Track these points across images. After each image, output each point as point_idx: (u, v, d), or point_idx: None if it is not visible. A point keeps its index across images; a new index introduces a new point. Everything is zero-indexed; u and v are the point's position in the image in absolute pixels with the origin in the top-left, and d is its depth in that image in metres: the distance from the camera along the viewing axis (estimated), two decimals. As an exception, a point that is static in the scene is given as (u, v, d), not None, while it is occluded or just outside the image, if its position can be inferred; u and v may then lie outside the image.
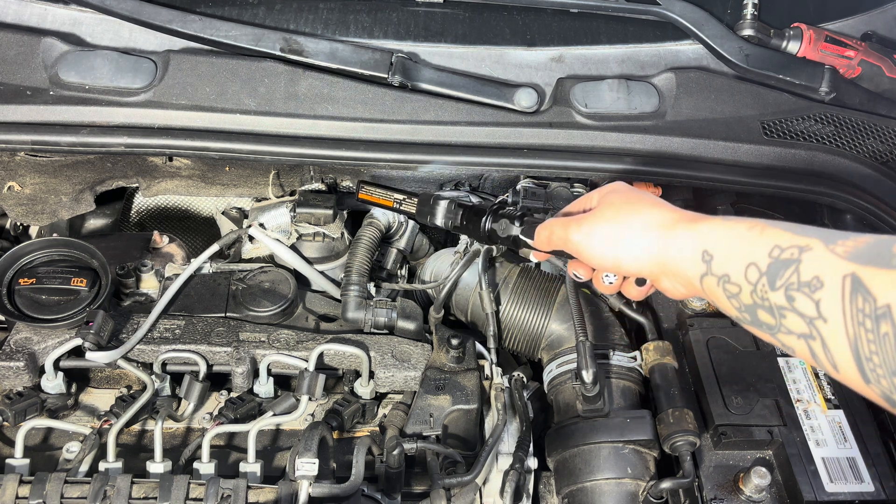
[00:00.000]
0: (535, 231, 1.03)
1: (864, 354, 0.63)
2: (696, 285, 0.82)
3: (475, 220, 1.16)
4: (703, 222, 0.83)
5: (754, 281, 0.73)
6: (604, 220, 0.92)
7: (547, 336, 1.39)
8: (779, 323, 0.71)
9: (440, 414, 1.21)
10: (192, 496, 1.04)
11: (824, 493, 1.11)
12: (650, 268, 0.88)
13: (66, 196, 1.50)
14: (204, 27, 1.37)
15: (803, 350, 0.70)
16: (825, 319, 0.66)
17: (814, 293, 0.66)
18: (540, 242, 1.03)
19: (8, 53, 1.33)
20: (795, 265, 0.69)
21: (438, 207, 1.25)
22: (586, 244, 0.93)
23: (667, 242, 0.85)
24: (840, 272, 0.64)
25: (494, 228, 1.12)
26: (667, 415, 1.18)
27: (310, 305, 1.41)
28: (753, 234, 0.75)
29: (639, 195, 0.93)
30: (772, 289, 0.71)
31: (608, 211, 0.93)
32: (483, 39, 1.47)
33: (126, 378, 1.32)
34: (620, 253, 0.89)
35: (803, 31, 1.46)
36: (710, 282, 0.79)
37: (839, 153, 1.37)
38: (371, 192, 1.40)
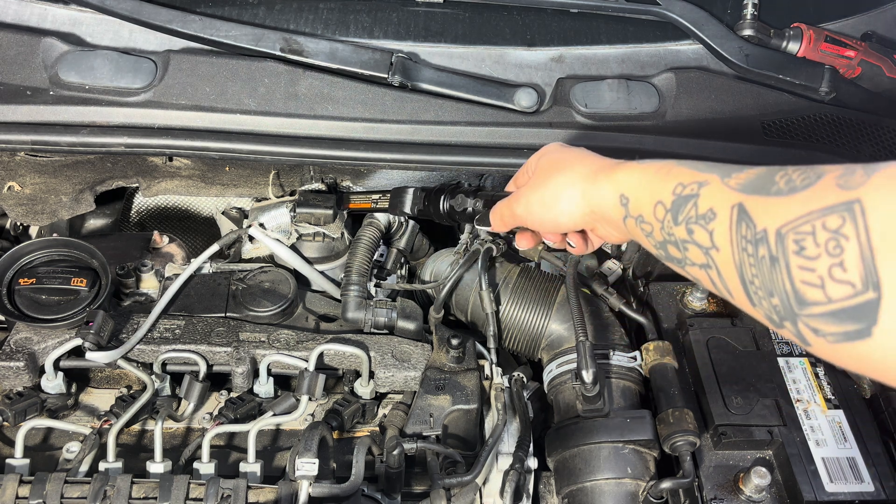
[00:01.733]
0: (490, 218, 1.09)
1: (747, 278, 0.66)
2: (621, 228, 0.87)
3: (435, 200, 1.22)
4: (620, 169, 0.88)
5: (661, 218, 0.78)
6: (536, 187, 0.99)
7: (547, 336, 1.39)
8: (684, 256, 0.75)
9: (440, 414, 1.21)
10: (192, 496, 1.04)
11: (824, 493, 1.11)
12: (584, 219, 0.94)
13: (66, 196, 1.51)
14: (204, 27, 1.37)
15: (705, 280, 0.74)
16: (718, 248, 0.70)
17: (708, 224, 0.71)
18: (496, 226, 1.09)
19: (8, 53, 1.33)
20: (694, 199, 0.73)
21: (406, 196, 1.32)
22: (526, 213, 1.00)
23: (591, 192, 0.90)
24: (729, 203, 0.68)
25: (452, 205, 1.17)
26: (667, 415, 1.18)
27: (310, 305, 1.41)
28: (661, 175, 0.80)
29: (566, 153, 0.99)
30: (675, 224, 0.75)
31: (539, 177, 1.00)
32: (483, 39, 1.47)
33: (126, 378, 1.32)
34: (555, 214, 0.96)
35: (803, 31, 1.46)
36: (630, 224, 0.84)
37: (839, 153, 1.37)
38: (356, 199, 1.48)
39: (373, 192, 1.47)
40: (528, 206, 0.99)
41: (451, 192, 1.18)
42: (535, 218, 1.00)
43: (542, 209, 0.97)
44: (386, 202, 1.41)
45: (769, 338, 1.33)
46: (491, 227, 1.11)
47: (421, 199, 1.30)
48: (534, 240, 1.09)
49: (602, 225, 0.95)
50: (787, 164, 0.67)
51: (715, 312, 1.40)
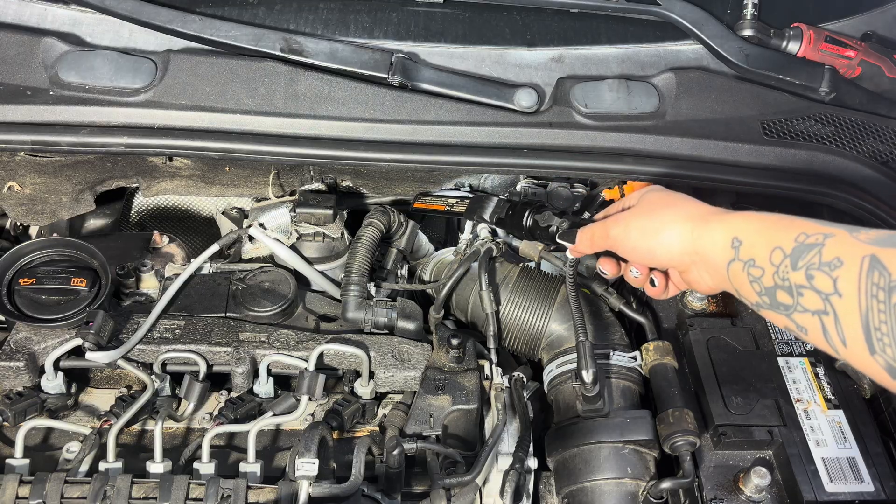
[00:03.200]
0: (577, 234, 1.09)
1: (873, 324, 0.66)
2: (722, 273, 0.87)
3: (520, 213, 1.22)
4: (735, 213, 0.89)
5: (777, 263, 0.78)
6: (640, 215, 0.99)
7: (547, 336, 1.39)
8: (796, 302, 0.76)
9: (440, 414, 1.21)
10: (192, 496, 1.04)
11: (824, 493, 1.11)
12: (681, 257, 0.94)
13: (66, 196, 1.51)
14: (204, 27, 1.37)
15: (815, 327, 0.74)
16: (840, 294, 0.70)
17: (833, 271, 0.71)
18: (582, 244, 1.09)
19: (8, 53, 1.33)
20: (819, 248, 0.74)
21: (489, 203, 1.33)
22: (623, 237, 1.00)
23: (699, 232, 0.91)
24: (860, 253, 0.69)
25: (537, 220, 1.17)
26: (667, 415, 1.18)
27: (310, 305, 1.41)
28: (782, 224, 0.81)
29: (674, 195, 1.01)
30: (793, 269, 0.76)
31: (645, 207, 1.00)
32: (483, 39, 1.47)
33: (126, 378, 1.32)
34: (654, 243, 0.96)
35: (803, 31, 1.46)
36: (736, 268, 0.84)
37: (839, 153, 1.37)
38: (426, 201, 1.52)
39: (448, 196, 1.49)
40: (627, 230, 1.00)
41: (538, 209, 1.19)
42: (630, 244, 1.00)
43: (641, 236, 0.98)
44: (462, 207, 1.42)
45: (769, 338, 1.33)
46: (574, 244, 1.11)
47: (504, 209, 1.29)
48: (616, 267, 1.08)
49: (698, 268, 0.94)
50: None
51: (715, 312, 1.40)
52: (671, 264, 0.99)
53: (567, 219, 1.13)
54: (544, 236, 1.16)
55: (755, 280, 0.81)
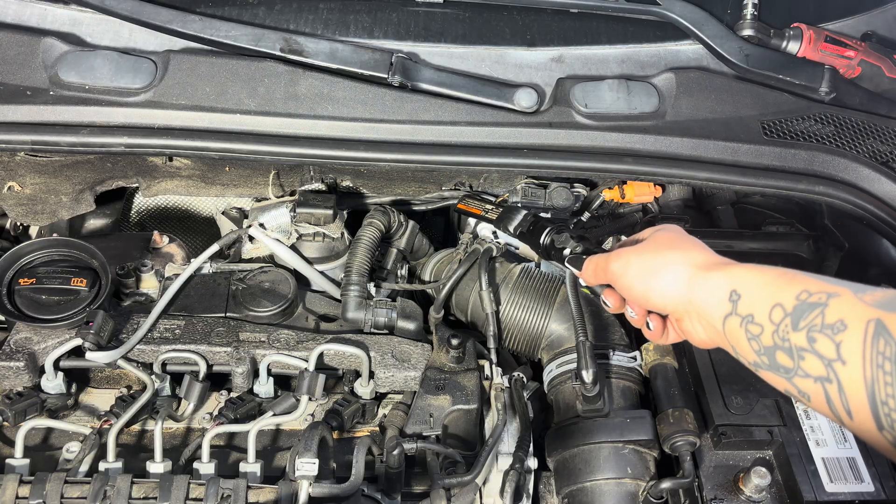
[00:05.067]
0: (584, 264, 1.07)
1: (879, 398, 0.62)
2: (717, 328, 0.83)
3: (540, 230, 1.22)
4: (736, 265, 0.84)
5: (777, 321, 0.73)
6: (642, 252, 0.95)
7: (547, 336, 1.39)
8: (797, 365, 0.71)
9: (440, 414, 1.21)
10: (192, 496, 1.04)
11: (824, 493, 1.11)
12: (675, 304, 0.89)
13: (66, 196, 1.50)
14: (204, 27, 1.36)
15: (818, 395, 0.69)
16: (844, 361, 0.66)
17: (836, 335, 0.67)
18: (587, 274, 1.06)
19: (8, 53, 1.33)
20: (821, 308, 0.69)
21: (517, 215, 1.31)
22: (621, 273, 0.96)
23: (697, 281, 0.86)
24: (865, 317, 0.65)
25: (553, 240, 1.17)
26: (667, 415, 1.18)
27: (310, 305, 1.41)
28: (784, 279, 0.76)
29: (684, 237, 0.96)
30: (794, 329, 0.71)
31: (649, 246, 0.96)
32: (483, 39, 1.47)
33: (126, 378, 1.32)
34: (650, 286, 0.91)
35: (803, 31, 1.46)
36: (732, 323, 0.80)
37: (839, 153, 1.37)
38: (470, 203, 1.52)
39: (487, 201, 1.49)
40: (626, 267, 0.95)
41: (558, 230, 1.18)
42: (626, 281, 0.95)
43: (638, 276, 0.93)
44: (495, 214, 1.41)
45: (769, 338, 1.32)
46: (580, 273, 1.08)
47: (527, 224, 1.29)
48: (619, 302, 1.03)
49: (692, 319, 0.89)
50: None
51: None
52: (665, 310, 0.94)
53: (582, 244, 1.12)
54: (558, 258, 1.16)
55: (753, 338, 0.77)
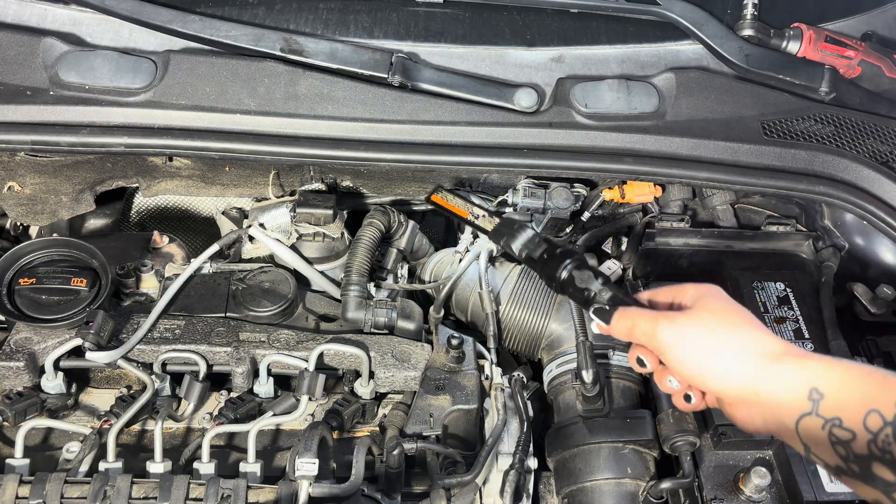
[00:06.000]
0: (613, 316, 0.93)
1: None
2: (785, 423, 0.76)
3: (557, 261, 1.04)
4: (813, 358, 0.78)
5: (876, 430, 0.68)
6: (700, 325, 0.84)
7: (547, 336, 1.39)
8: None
9: (440, 414, 1.21)
10: (192, 496, 1.04)
11: (824, 493, 1.11)
12: (736, 392, 0.81)
13: (66, 196, 1.50)
14: (204, 27, 1.36)
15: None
16: None
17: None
18: (618, 330, 0.92)
19: (8, 53, 1.33)
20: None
21: (522, 234, 1.12)
22: (673, 346, 0.84)
23: (767, 373, 0.78)
24: None
25: (574, 277, 1.01)
26: (667, 415, 1.18)
27: (310, 305, 1.41)
28: (875, 380, 0.71)
29: (738, 309, 0.86)
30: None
31: (706, 317, 0.85)
32: (483, 39, 1.47)
33: (126, 378, 1.32)
34: (708, 367, 0.82)
35: (803, 31, 1.46)
36: (811, 423, 0.74)
37: (839, 153, 1.37)
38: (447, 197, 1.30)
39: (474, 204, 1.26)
40: (679, 340, 0.84)
41: (579, 264, 1.02)
42: (678, 355, 0.84)
43: (696, 353, 0.83)
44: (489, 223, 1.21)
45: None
46: (608, 326, 0.93)
47: (537, 248, 1.09)
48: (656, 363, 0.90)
49: (750, 408, 0.81)
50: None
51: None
52: (721, 395, 0.84)
53: (608, 288, 0.97)
54: (577, 297, 1.01)
55: (841, 443, 0.70)
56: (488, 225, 1.22)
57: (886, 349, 1.35)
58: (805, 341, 1.33)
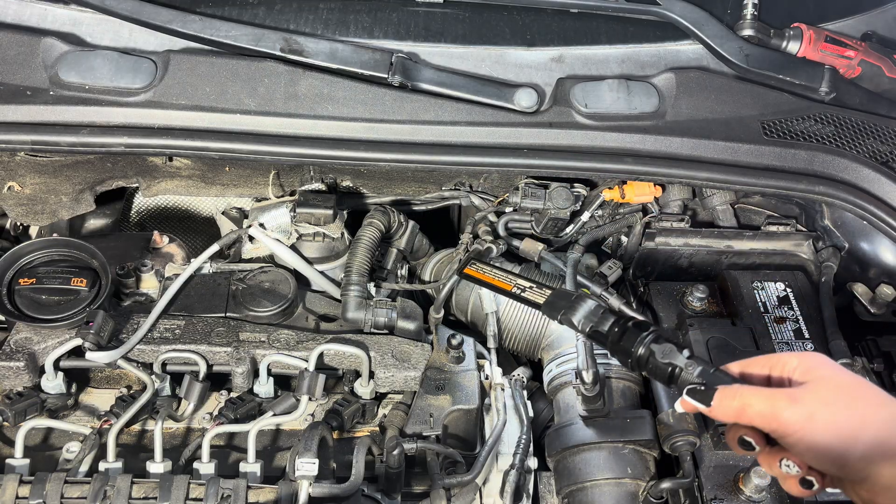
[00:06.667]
0: (716, 396, 0.82)
1: None
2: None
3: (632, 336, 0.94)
4: None
5: None
6: (829, 405, 0.76)
7: (547, 336, 1.39)
8: None
9: (440, 414, 1.21)
10: (192, 496, 1.04)
11: (824, 493, 1.11)
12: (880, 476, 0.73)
13: (66, 196, 1.50)
14: (204, 27, 1.37)
15: None
16: None
17: None
18: (723, 412, 0.81)
19: (8, 53, 1.33)
20: None
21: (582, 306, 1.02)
22: (804, 426, 0.75)
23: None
24: None
25: (654, 352, 0.91)
26: (667, 415, 1.18)
27: (310, 305, 1.41)
28: None
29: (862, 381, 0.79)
30: None
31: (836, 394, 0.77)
32: (483, 39, 1.47)
33: (126, 378, 1.32)
34: (850, 447, 0.73)
35: (803, 31, 1.46)
36: None
37: (839, 153, 1.37)
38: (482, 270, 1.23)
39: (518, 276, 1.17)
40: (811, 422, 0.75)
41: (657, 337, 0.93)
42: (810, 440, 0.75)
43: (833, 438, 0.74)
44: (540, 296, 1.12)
45: (769, 338, 1.33)
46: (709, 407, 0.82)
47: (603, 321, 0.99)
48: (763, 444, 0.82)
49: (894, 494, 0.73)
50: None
51: (715, 312, 1.40)
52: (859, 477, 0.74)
53: (695, 361, 0.88)
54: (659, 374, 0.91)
55: None
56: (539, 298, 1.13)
57: (886, 349, 1.35)
58: (805, 341, 1.33)
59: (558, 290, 1.12)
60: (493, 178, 1.59)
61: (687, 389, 0.85)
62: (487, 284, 1.21)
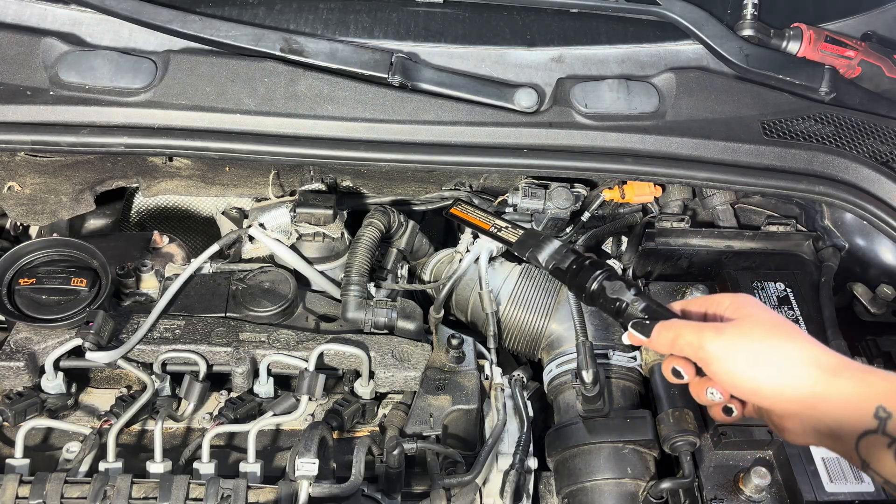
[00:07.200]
0: (654, 328, 0.92)
1: None
2: (843, 439, 0.76)
3: (586, 272, 1.05)
4: (874, 374, 0.77)
5: None
6: (749, 337, 0.83)
7: (547, 336, 1.39)
8: None
9: (440, 414, 1.21)
10: (192, 496, 1.04)
11: (824, 493, 1.11)
12: (790, 405, 0.80)
13: (66, 196, 1.50)
14: (204, 27, 1.37)
15: None
16: None
17: None
18: (659, 342, 0.91)
19: (8, 53, 1.33)
20: None
21: (548, 245, 1.15)
22: (723, 356, 0.83)
23: (827, 388, 0.77)
24: None
25: (605, 288, 1.01)
26: (667, 415, 1.18)
27: (310, 305, 1.41)
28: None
29: (784, 319, 0.86)
30: None
31: (754, 328, 0.84)
32: (483, 39, 1.47)
33: (126, 378, 1.32)
34: (763, 378, 0.81)
35: (803, 31, 1.46)
36: (874, 442, 0.73)
37: (839, 153, 1.37)
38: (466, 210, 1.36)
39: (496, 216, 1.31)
40: (730, 351, 0.82)
41: (609, 275, 1.03)
42: (728, 368, 0.82)
43: (748, 365, 0.81)
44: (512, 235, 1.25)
45: (769, 338, 1.32)
46: (648, 339, 0.92)
47: (564, 259, 1.11)
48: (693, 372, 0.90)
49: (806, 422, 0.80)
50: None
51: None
52: (774, 408, 0.83)
53: (641, 298, 0.96)
54: (608, 308, 1.00)
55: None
56: (512, 237, 1.25)
57: (886, 349, 1.35)
58: (805, 341, 1.33)
59: (529, 230, 1.23)
60: (493, 178, 1.58)
61: (632, 323, 0.95)
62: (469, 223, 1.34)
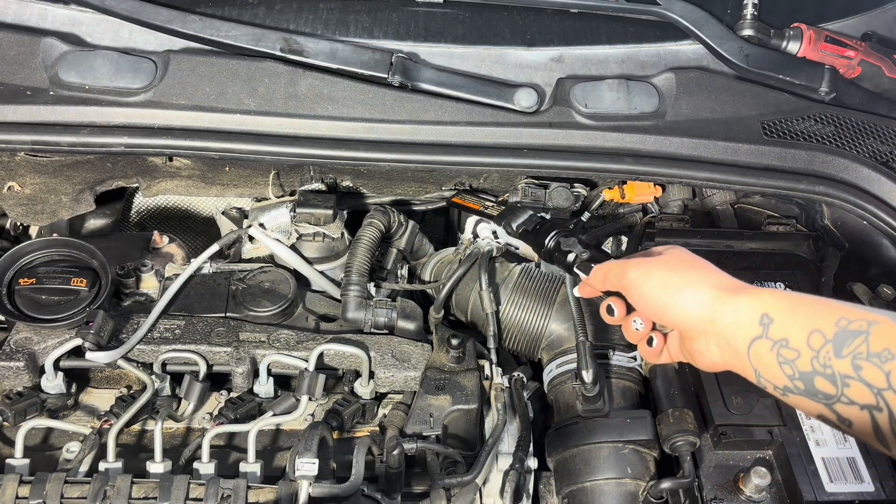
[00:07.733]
0: (593, 268, 1.04)
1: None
2: (738, 349, 0.83)
3: (545, 233, 1.19)
4: (763, 290, 0.85)
5: (818, 347, 0.74)
6: (664, 265, 0.93)
7: (547, 336, 1.39)
8: (840, 392, 0.72)
9: (440, 414, 1.21)
10: (192, 496, 1.04)
11: (824, 493, 1.11)
12: (694, 322, 0.88)
13: (66, 196, 1.51)
14: (204, 27, 1.37)
15: (863, 422, 0.70)
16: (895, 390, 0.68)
17: (884, 364, 0.68)
18: (595, 279, 1.03)
19: (8, 53, 1.33)
20: (864, 336, 0.71)
21: (522, 214, 1.29)
22: (640, 283, 0.93)
23: (722, 303, 0.85)
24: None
25: (559, 244, 1.14)
26: (667, 415, 1.18)
27: (310, 305, 1.41)
28: (818, 306, 0.77)
29: (702, 259, 0.96)
30: (837, 356, 0.72)
31: (671, 260, 0.95)
32: (483, 39, 1.47)
33: (126, 378, 1.32)
34: (671, 299, 0.90)
35: (803, 31, 1.46)
36: (761, 346, 0.80)
37: (839, 153, 1.37)
38: (464, 198, 1.54)
39: (486, 198, 1.48)
40: (647, 277, 0.93)
41: (565, 234, 1.16)
42: (644, 291, 0.93)
43: (659, 287, 0.91)
44: (495, 210, 1.40)
45: (769, 338, 1.32)
46: (587, 276, 1.06)
47: (531, 223, 1.27)
48: (624, 309, 0.99)
49: (707, 339, 0.88)
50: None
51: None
52: (680, 327, 0.92)
53: (590, 251, 1.09)
54: (561, 261, 1.12)
55: (787, 362, 0.77)
56: (495, 212, 1.39)
57: (886, 349, 1.35)
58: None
59: (511, 204, 1.38)
60: (493, 178, 1.59)
61: (577, 265, 1.09)
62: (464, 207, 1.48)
